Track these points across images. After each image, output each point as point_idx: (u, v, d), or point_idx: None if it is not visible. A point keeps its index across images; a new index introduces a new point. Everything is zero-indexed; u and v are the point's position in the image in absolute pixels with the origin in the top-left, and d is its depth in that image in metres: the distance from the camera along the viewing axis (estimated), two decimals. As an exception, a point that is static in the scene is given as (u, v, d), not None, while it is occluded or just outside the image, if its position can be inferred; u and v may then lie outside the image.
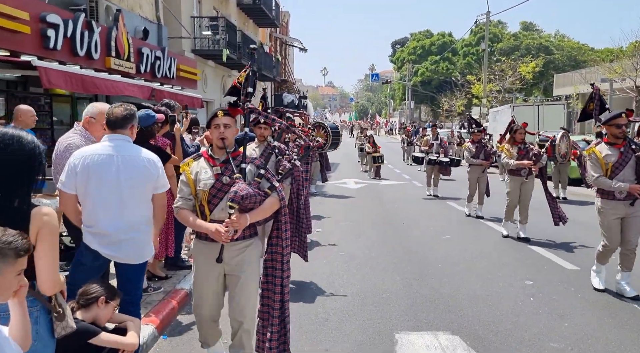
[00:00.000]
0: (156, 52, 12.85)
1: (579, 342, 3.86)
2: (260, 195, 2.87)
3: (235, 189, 2.76)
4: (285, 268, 2.97)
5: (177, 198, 3.00)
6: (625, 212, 4.77)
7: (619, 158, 4.73)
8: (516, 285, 5.27)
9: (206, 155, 3.02)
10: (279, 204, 2.94)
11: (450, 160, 11.93)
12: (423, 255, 6.58)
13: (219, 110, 2.97)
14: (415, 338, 3.94)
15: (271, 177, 2.97)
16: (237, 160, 2.94)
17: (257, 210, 2.87)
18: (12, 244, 1.58)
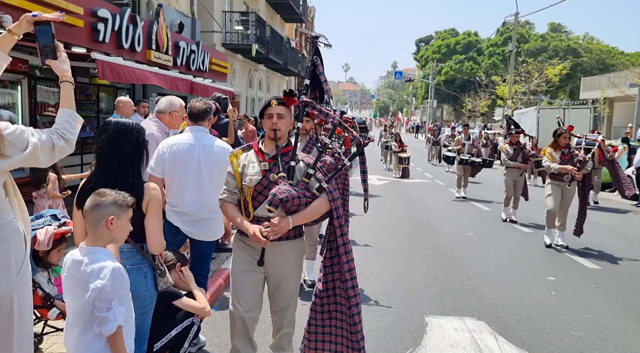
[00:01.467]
0: (191, 45, 13.32)
1: (598, 332, 4.14)
2: (307, 196, 2.66)
3: (274, 191, 2.58)
4: (347, 277, 2.70)
5: (223, 190, 2.86)
6: None
7: None
8: (538, 280, 5.55)
9: (256, 148, 2.83)
10: (329, 206, 2.70)
11: (483, 160, 11.72)
12: (448, 249, 6.89)
13: (273, 99, 2.79)
14: (443, 321, 4.27)
15: (322, 177, 2.74)
16: (288, 157, 2.75)
17: (301, 212, 2.67)
18: (126, 199, 2.08)
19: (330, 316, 2.79)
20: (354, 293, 2.71)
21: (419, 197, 11.81)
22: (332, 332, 2.81)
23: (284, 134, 2.80)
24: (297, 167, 2.74)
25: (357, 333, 2.71)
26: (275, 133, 2.74)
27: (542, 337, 4.01)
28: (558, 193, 6.93)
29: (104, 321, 1.89)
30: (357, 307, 2.71)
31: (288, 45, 25.48)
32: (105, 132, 2.31)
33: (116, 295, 1.92)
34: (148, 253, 2.34)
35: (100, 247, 2.01)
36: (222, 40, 18.25)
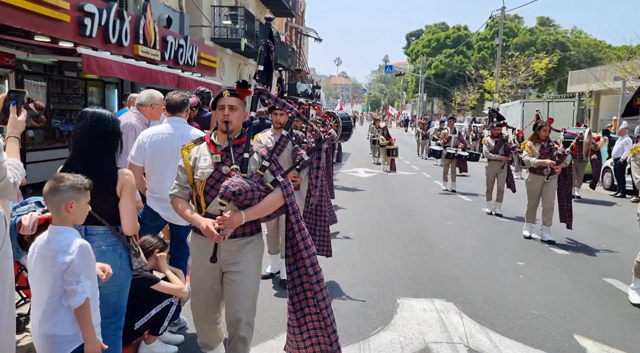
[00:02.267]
0: (179, 40, 13.42)
1: (557, 311, 4.40)
2: (261, 190, 2.58)
3: (226, 184, 2.48)
4: (311, 272, 2.65)
5: (174, 185, 2.76)
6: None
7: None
8: (509, 265, 5.81)
9: (208, 140, 2.75)
10: (283, 201, 2.63)
11: (469, 154, 11.73)
12: (427, 237, 7.13)
13: (225, 90, 2.70)
14: (414, 302, 4.51)
15: (276, 170, 2.66)
16: (242, 149, 2.65)
17: (255, 207, 2.58)
18: (83, 182, 2.22)
19: (303, 313, 2.74)
20: (320, 287, 2.66)
21: (404, 189, 12.06)
22: (310, 328, 2.75)
23: (237, 125, 2.70)
24: (251, 159, 2.65)
25: (328, 328, 2.68)
26: (227, 125, 2.64)
27: (504, 316, 4.26)
28: (538, 187, 6.91)
29: (73, 293, 2.05)
30: (324, 301, 2.67)
31: (278, 39, 25.56)
32: (82, 120, 2.50)
33: (84, 269, 2.09)
34: (123, 235, 2.53)
35: (67, 227, 2.18)
36: (211, 34, 18.33)
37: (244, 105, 2.76)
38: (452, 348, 3.61)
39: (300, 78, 34.02)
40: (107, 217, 2.46)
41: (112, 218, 2.50)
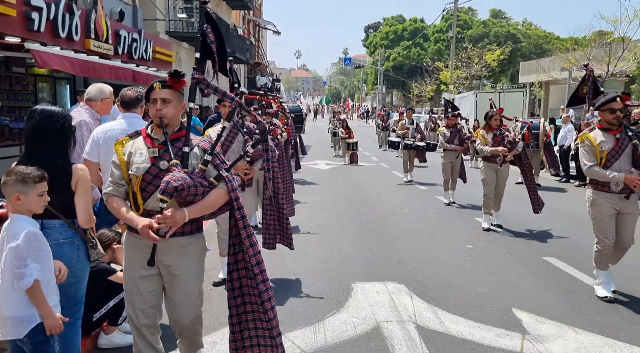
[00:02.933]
0: (133, 34, 13.17)
1: (499, 288, 4.74)
2: (204, 185, 2.44)
3: (167, 179, 2.34)
4: (256, 271, 2.53)
5: (108, 183, 2.58)
6: (619, 206, 4.37)
7: (614, 145, 4.31)
8: (458, 248, 6.15)
9: (144, 133, 2.59)
10: (228, 196, 2.50)
11: (427, 144, 11.88)
12: (383, 225, 7.41)
13: (156, 82, 2.54)
14: (368, 286, 4.75)
15: (220, 164, 2.52)
16: (181, 142, 2.51)
17: (198, 204, 2.43)
18: (30, 174, 2.30)
19: (247, 318, 2.64)
20: (265, 287, 2.54)
21: (362, 180, 12.34)
22: (252, 331, 2.65)
23: (172, 119, 2.54)
24: (191, 153, 2.50)
25: (272, 330, 2.58)
26: (162, 120, 2.50)
27: (451, 295, 4.55)
28: (493, 175, 7.05)
29: (22, 276, 2.20)
30: (269, 302, 2.56)
31: (235, 32, 25.35)
32: (32, 118, 2.56)
33: (31, 254, 2.22)
34: (79, 228, 2.62)
35: (21, 215, 2.30)
36: (166, 28, 18.03)
37: (181, 97, 2.59)
38: (401, 326, 3.86)
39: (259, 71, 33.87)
40: (63, 211, 2.54)
41: (69, 212, 2.58)
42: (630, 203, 4.37)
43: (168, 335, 3.03)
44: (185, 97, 2.70)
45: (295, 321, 3.95)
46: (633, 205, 4.40)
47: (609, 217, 4.39)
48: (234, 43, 24.29)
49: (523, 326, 3.88)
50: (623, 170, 4.27)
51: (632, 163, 4.30)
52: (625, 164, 4.30)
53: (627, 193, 4.31)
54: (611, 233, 4.40)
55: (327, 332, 3.76)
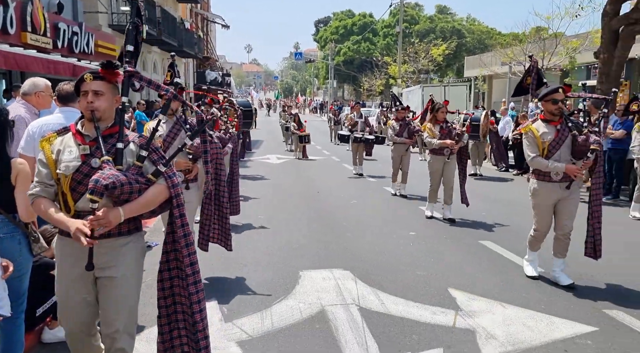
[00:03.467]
0: (73, 27, 12.75)
1: (437, 270, 5.05)
2: (141, 182, 2.32)
3: (96, 177, 2.20)
4: (189, 272, 2.42)
5: (34, 183, 2.39)
6: (561, 195, 4.51)
7: (555, 136, 4.42)
8: (402, 235, 6.44)
9: (74, 129, 2.42)
10: (167, 193, 2.38)
11: (375, 137, 12.03)
12: (332, 216, 7.62)
13: (87, 73, 2.38)
14: (315, 273, 4.92)
15: (158, 159, 2.39)
16: (115, 139, 2.37)
17: (135, 202, 2.31)
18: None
19: (176, 318, 2.55)
20: (196, 289, 2.44)
21: (314, 173, 12.53)
22: (181, 328, 2.56)
23: (105, 112, 2.39)
24: (126, 149, 2.37)
25: (197, 333, 2.47)
26: (93, 114, 2.35)
27: (393, 278, 4.80)
28: (440, 168, 7.16)
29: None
30: (198, 305, 2.45)
31: (182, 26, 24.85)
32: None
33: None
34: (20, 222, 2.62)
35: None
36: (109, 21, 17.46)
37: (115, 90, 2.44)
38: (345, 309, 4.06)
39: (209, 66, 33.33)
40: (3, 205, 2.54)
41: (9, 206, 2.58)
42: (572, 192, 4.52)
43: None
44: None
45: (243, 309, 4.06)
46: (575, 193, 4.57)
47: (549, 206, 4.56)
48: (181, 37, 23.82)
49: (457, 303, 4.17)
50: (563, 161, 4.40)
51: (571, 153, 4.44)
52: (565, 155, 4.43)
53: (568, 182, 4.44)
54: (548, 222, 4.61)
55: (274, 318, 3.91)
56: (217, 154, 4.56)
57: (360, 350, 3.39)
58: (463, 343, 3.48)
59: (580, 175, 4.41)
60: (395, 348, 3.42)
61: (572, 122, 4.52)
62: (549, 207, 4.56)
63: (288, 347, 3.46)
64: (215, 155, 4.52)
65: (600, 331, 3.65)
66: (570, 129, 4.45)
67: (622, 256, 5.49)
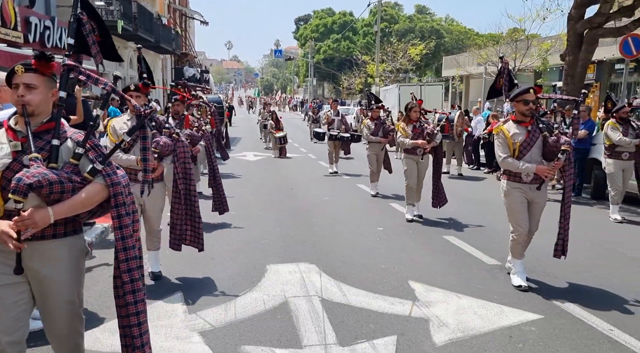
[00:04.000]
0: (45, 21, 12.58)
1: (400, 264, 5.22)
2: (74, 181, 2.20)
3: (20, 176, 2.08)
4: (125, 279, 2.30)
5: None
6: (531, 196, 4.53)
7: (526, 137, 4.42)
8: (370, 231, 6.61)
9: (6, 125, 2.32)
10: (106, 192, 2.26)
11: (351, 135, 11.97)
12: (304, 212, 7.75)
13: (18, 65, 2.26)
14: (281, 267, 5.04)
15: (96, 157, 2.27)
16: (51, 135, 2.26)
17: (67, 202, 2.18)
18: None
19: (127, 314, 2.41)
20: (134, 299, 2.33)
21: (289, 170, 12.63)
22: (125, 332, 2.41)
23: (39, 107, 2.27)
24: (63, 146, 2.26)
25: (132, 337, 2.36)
26: (25, 108, 2.23)
27: (356, 272, 4.95)
28: (414, 167, 7.13)
29: None
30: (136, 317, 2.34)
31: (159, 21, 24.63)
32: None
33: None
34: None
35: None
36: (83, 15, 17.24)
37: (52, 83, 2.32)
38: (307, 300, 4.20)
39: (187, 62, 33.09)
40: None
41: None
42: (541, 193, 4.55)
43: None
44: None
45: (208, 301, 4.16)
46: (543, 195, 4.61)
47: (522, 206, 4.51)
48: (159, 33, 23.62)
49: (415, 295, 4.34)
50: (534, 161, 4.39)
51: (542, 154, 4.44)
52: (536, 156, 4.42)
53: (539, 183, 4.44)
54: (525, 222, 4.52)
55: (238, 309, 4.02)
56: (184, 154, 4.51)
57: (318, 338, 3.53)
58: (416, 330, 3.65)
59: (551, 175, 4.46)
60: (352, 336, 3.57)
61: (543, 122, 4.50)
62: (521, 207, 4.52)
63: (249, 336, 3.58)
64: (182, 154, 4.47)
65: (545, 318, 3.87)
66: (542, 130, 4.44)
67: (586, 254, 5.60)
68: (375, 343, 3.45)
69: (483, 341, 3.52)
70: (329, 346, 3.42)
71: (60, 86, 2.34)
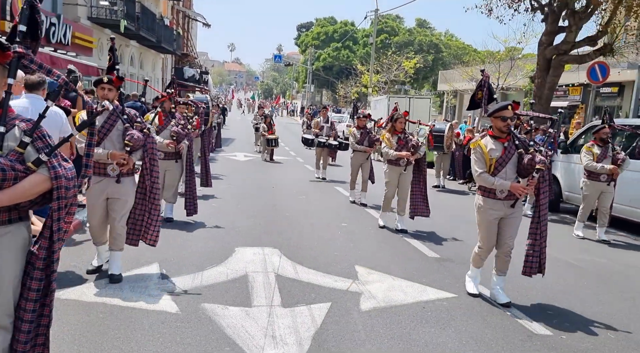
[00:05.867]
0: (51, 18, 13.32)
1: (352, 253, 5.96)
2: (18, 170, 2.22)
3: None
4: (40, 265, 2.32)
5: None
6: (505, 212, 4.50)
7: (502, 154, 4.42)
8: (334, 225, 7.36)
9: None
10: (48, 184, 2.28)
11: (339, 143, 12.14)
12: (278, 206, 8.49)
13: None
14: (248, 250, 5.77)
15: (43, 147, 2.28)
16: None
17: (8, 190, 2.20)
18: None
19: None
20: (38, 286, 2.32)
21: (275, 171, 13.38)
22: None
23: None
24: (10, 134, 2.28)
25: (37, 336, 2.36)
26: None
27: (312, 257, 5.68)
28: (395, 178, 7.14)
29: None
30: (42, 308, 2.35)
31: (162, 22, 25.44)
32: None
33: None
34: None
35: None
36: (89, 13, 18.02)
37: (4, 72, 2.33)
38: (264, 275, 4.93)
39: (187, 63, 33.88)
40: None
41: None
42: (516, 209, 4.54)
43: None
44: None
45: (179, 271, 4.88)
46: (518, 211, 4.60)
47: (493, 222, 4.52)
48: (161, 33, 24.43)
49: (357, 276, 5.08)
50: (509, 178, 4.39)
51: (517, 171, 4.44)
52: (510, 173, 4.42)
53: (512, 200, 4.45)
54: (492, 239, 4.57)
55: (204, 278, 4.75)
56: (152, 149, 4.50)
57: (266, 301, 4.26)
58: (349, 300, 4.39)
59: (525, 193, 4.41)
60: (294, 301, 4.30)
61: (519, 139, 4.51)
62: (493, 223, 4.52)
63: (209, 297, 4.30)
64: (151, 150, 4.47)
65: (458, 297, 4.62)
66: (517, 147, 4.44)
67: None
68: (311, 307, 4.18)
69: (400, 309, 4.26)
70: (273, 307, 4.15)
71: (10, 73, 2.34)
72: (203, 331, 3.67)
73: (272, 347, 3.48)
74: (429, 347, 3.65)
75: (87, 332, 3.55)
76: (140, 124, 4.35)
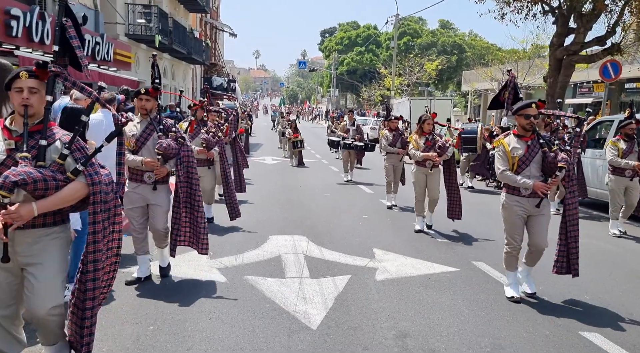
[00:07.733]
0: (96, 38, 14.60)
1: (370, 238, 6.78)
2: (58, 179, 2.47)
3: (6, 174, 2.34)
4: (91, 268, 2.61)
5: None
6: (531, 211, 4.49)
7: (525, 152, 4.42)
8: (356, 217, 8.19)
9: (2, 124, 2.59)
10: (86, 190, 2.55)
11: (365, 144, 12.40)
12: (305, 203, 9.37)
13: (22, 71, 2.54)
14: (280, 237, 6.66)
15: (79, 159, 2.54)
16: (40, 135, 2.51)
17: (50, 198, 2.46)
18: None
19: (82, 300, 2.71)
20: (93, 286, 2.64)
21: (301, 172, 14.28)
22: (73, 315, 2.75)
23: (38, 110, 2.57)
24: (52, 147, 2.55)
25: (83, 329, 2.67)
26: (27, 109, 2.50)
27: (335, 242, 6.52)
28: (422, 179, 7.17)
29: None
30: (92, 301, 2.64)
31: (192, 35, 26.80)
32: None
33: None
34: None
35: None
36: (126, 30, 19.37)
37: (44, 89, 2.60)
38: (295, 256, 5.80)
39: (215, 72, 35.29)
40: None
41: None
42: (542, 208, 4.49)
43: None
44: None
45: (224, 253, 5.80)
46: (546, 209, 4.56)
47: (519, 220, 4.51)
48: (191, 45, 25.77)
49: (375, 256, 5.91)
50: (533, 176, 4.39)
51: (541, 169, 4.44)
52: (535, 171, 4.42)
53: (535, 197, 4.42)
54: (519, 236, 4.55)
55: (244, 259, 5.66)
56: (188, 158, 4.58)
57: (297, 274, 5.13)
58: (366, 274, 5.22)
59: (547, 191, 4.41)
60: (320, 274, 5.16)
61: (543, 138, 4.50)
62: (517, 220, 4.52)
63: (250, 271, 5.20)
64: (186, 159, 4.56)
65: (460, 271, 5.40)
66: (542, 146, 4.43)
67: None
68: (335, 279, 5.03)
69: (409, 280, 5.07)
70: (303, 278, 5.02)
71: (47, 91, 2.58)
72: (247, 294, 4.56)
73: (303, 304, 4.34)
74: (429, 304, 4.44)
75: (151, 296, 4.48)
76: (175, 133, 4.46)
